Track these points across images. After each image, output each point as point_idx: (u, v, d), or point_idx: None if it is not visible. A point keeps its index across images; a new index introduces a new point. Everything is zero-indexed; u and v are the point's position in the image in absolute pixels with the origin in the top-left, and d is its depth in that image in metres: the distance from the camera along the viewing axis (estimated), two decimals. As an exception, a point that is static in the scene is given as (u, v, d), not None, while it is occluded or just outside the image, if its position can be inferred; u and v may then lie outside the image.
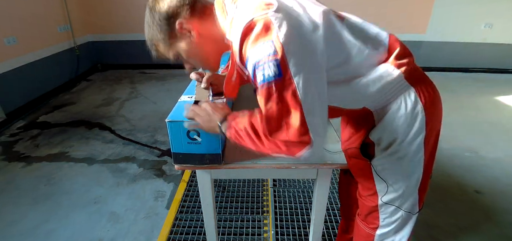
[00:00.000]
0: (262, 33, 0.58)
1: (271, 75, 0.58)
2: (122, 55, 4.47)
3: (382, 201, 0.82)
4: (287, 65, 0.57)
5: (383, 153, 0.77)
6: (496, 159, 2.18)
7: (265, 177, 1.92)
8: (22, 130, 2.66)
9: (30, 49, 3.13)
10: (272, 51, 0.57)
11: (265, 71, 0.58)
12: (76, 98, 3.42)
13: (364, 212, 0.91)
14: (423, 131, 0.72)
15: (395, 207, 0.81)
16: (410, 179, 0.78)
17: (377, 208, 0.85)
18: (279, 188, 1.86)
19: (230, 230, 1.55)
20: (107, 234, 1.55)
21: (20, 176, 2.02)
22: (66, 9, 3.70)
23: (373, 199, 0.85)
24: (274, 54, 0.57)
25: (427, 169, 0.77)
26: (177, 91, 3.51)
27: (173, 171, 2.06)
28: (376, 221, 0.87)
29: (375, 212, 0.86)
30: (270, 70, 0.57)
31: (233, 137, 0.70)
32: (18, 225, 1.61)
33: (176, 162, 0.81)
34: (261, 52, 0.58)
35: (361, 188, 0.89)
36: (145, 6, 0.78)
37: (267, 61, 0.57)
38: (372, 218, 0.88)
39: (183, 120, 0.75)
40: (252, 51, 0.60)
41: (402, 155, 0.75)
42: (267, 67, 0.58)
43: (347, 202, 1.18)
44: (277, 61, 0.57)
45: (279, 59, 0.57)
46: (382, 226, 0.87)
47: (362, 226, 0.93)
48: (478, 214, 1.68)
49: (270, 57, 0.57)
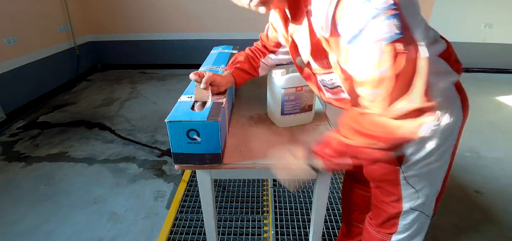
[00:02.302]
0: None
1: (392, 34, 0.49)
2: (122, 55, 4.47)
3: (408, 208, 0.79)
4: (406, 21, 0.50)
5: (418, 161, 0.72)
6: (496, 159, 2.17)
7: (265, 177, 1.92)
8: (22, 130, 2.66)
9: (30, 49, 3.13)
10: (388, 3, 0.48)
11: (382, 30, 0.49)
12: (76, 98, 3.42)
13: (381, 219, 0.87)
14: (455, 140, 0.72)
15: (419, 212, 0.79)
16: (435, 185, 0.76)
17: (399, 215, 0.81)
18: (279, 188, 1.86)
19: (230, 230, 1.55)
20: (107, 234, 1.55)
21: (20, 176, 2.02)
22: (66, 9, 3.70)
23: (396, 206, 0.80)
24: (393, 8, 0.48)
25: (447, 174, 0.77)
26: (177, 91, 3.51)
27: (173, 171, 2.06)
28: (394, 227, 0.84)
29: (396, 218, 0.82)
30: (389, 28, 0.49)
31: (331, 164, 0.65)
32: (18, 225, 1.61)
33: (176, 162, 0.81)
34: (373, 6, 0.49)
35: (381, 194, 0.84)
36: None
37: (384, 17, 0.49)
38: (391, 224, 0.85)
39: (183, 120, 0.75)
40: (357, 5, 0.50)
41: (437, 164, 0.72)
42: (386, 25, 0.49)
43: (349, 207, 1.17)
44: (397, 16, 0.49)
45: (399, 14, 0.49)
46: (399, 232, 0.84)
47: (374, 233, 0.90)
48: (478, 214, 1.68)
49: (388, 11, 0.48)
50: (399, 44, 0.49)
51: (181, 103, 0.85)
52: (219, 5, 4.07)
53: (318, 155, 0.68)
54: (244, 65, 1.03)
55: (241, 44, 1.90)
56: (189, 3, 4.09)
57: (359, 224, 1.16)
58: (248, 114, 1.12)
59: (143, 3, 4.10)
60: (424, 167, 0.72)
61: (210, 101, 0.85)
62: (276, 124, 1.04)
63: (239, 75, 1.02)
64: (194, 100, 0.87)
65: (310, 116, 1.05)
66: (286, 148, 0.75)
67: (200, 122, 0.74)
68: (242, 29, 4.15)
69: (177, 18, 4.20)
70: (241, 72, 1.03)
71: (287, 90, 0.95)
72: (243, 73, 1.03)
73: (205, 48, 1.96)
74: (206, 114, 0.76)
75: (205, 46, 2.48)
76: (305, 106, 1.00)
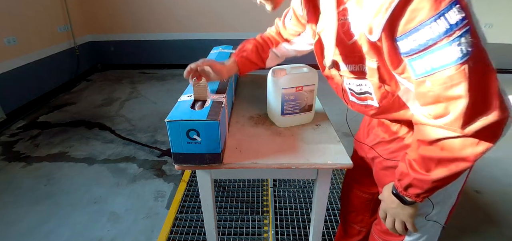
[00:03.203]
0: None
1: (465, 51, 0.45)
2: (122, 55, 4.47)
3: (421, 218, 0.76)
4: (476, 31, 0.46)
5: None
6: (496, 159, 2.17)
7: (265, 177, 1.92)
8: (22, 130, 2.66)
9: (30, 49, 3.13)
10: (460, 17, 0.45)
11: (455, 48, 0.45)
12: (76, 98, 3.42)
13: None
14: None
15: (432, 222, 0.77)
16: (451, 197, 0.75)
17: None
18: (279, 188, 1.86)
19: (230, 230, 1.55)
20: (107, 234, 1.55)
21: (20, 176, 2.02)
22: (66, 9, 3.70)
23: None
24: (465, 23, 0.45)
25: (463, 185, 0.75)
26: (177, 91, 3.51)
27: (173, 171, 2.06)
28: (402, 236, 0.81)
29: None
30: (462, 45, 0.45)
31: (421, 195, 0.62)
32: (18, 225, 1.61)
33: (176, 162, 0.81)
34: (445, 21, 0.45)
35: None
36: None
37: (457, 34, 0.45)
38: None
39: (183, 119, 0.75)
40: (425, 16, 0.46)
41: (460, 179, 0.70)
42: (458, 42, 0.45)
43: (347, 208, 1.17)
44: (469, 30, 0.45)
45: (470, 28, 0.45)
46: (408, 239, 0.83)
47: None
48: (478, 214, 1.68)
49: (461, 27, 0.45)
50: (472, 60, 0.46)
51: (181, 103, 0.84)
52: (219, 5, 4.07)
53: (412, 199, 0.64)
54: (251, 54, 0.99)
55: (241, 44, 1.91)
56: (189, 3, 4.09)
57: (356, 224, 1.16)
58: (248, 114, 1.12)
59: (143, 3, 4.11)
60: None
61: (210, 100, 0.85)
62: (276, 124, 1.04)
63: (244, 64, 0.98)
64: (194, 99, 0.87)
65: (310, 116, 1.05)
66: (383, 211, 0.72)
67: (200, 122, 0.74)
68: (242, 29, 4.15)
69: (177, 18, 4.20)
70: (246, 61, 0.99)
71: (287, 90, 0.95)
72: (249, 63, 0.99)
73: (205, 48, 1.96)
74: (206, 114, 0.76)
75: (205, 46, 2.48)
76: (305, 106, 1.00)
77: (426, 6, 0.46)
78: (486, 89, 0.48)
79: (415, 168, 0.60)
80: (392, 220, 0.72)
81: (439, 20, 0.45)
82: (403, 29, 0.50)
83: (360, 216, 1.13)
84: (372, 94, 0.70)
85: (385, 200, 0.72)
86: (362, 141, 0.94)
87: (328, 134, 0.98)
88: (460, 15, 0.45)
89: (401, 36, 0.51)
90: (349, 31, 0.62)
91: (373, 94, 0.69)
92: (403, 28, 0.50)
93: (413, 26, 0.48)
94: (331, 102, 1.79)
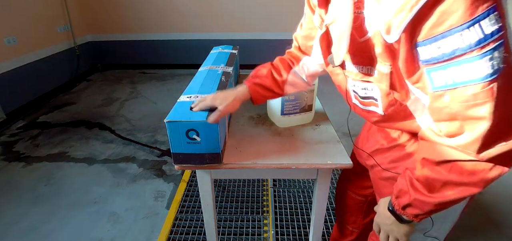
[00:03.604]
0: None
1: (496, 67, 0.40)
2: (122, 55, 4.47)
3: (420, 234, 0.75)
4: (510, 46, 0.41)
5: None
6: (496, 159, 2.17)
7: (265, 177, 1.92)
8: (22, 130, 2.66)
9: (30, 49, 3.13)
10: (497, 27, 0.39)
11: (485, 64, 0.40)
12: (76, 98, 3.42)
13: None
14: None
15: (432, 238, 0.76)
16: (453, 215, 0.73)
17: None
18: (279, 188, 1.86)
19: (230, 230, 1.55)
20: (107, 234, 1.55)
21: (20, 176, 2.02)
22: (66, 9, 3.70)
23: None
24: (499, 35, 0.39)
25: (467, 205, 0.73)
26: (177, 91, 3.51)
27: (173, 171, 2.06)
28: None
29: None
30: (493, 61, 0.40)
31: (420, 217, 0.58)
32: (18, 225, 1.61)
33: (176, 162, 0.81)
34: (478, 31, 0.39)
35: None
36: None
37: (489, 47, 0.39)
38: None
39: (182, 120, 0.75)
40: (456, 22, 0.40)
41: None
42: (489, 58, 0.40)
43: (341, 209, 1.16)
44: (502, 44, 0.40)
45: (504, 41, 0.40)
46: None
47: None
48: (478, 214, 1.68)
49: (495, 39, 0.39)
50: (502, 79, 0.40)
51: (181, 103, 0.84)
52: (219, 5, 4.07)
53: (409, 218, 0.61)
54: (265, 80, 0.83)
55: (241, 44, 1.90)
56: (189, 3, 4.09)
57: (349, 225, 1.16)
58: (248, 114, 1.12)
59: (143, 3, 4.10)
60: None
61: None
62: (276, 124, 1.04)
63: (257, 92, 0.83)
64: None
65: (310, 116, 1.05)
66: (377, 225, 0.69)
67: (200, 122, 0.74)
68: (242, 29, 4.15)
69: (177, 18, 4.20)
70: (259, 89, 0.83)
71: (287, 90, 0.95)
72: (262, 90, 0.83)
73: (205, 48, 1.96)
74: (206, 114, 0.76)
75: (205, 46, 2.48)
76: (305, 106, 1.00)
77: (460, 9, 0.39)
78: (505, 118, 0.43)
79: (417, 187, 0.56)
80: (386, 236, 0.68)
81: (473, 27, 0.39)
82: (428, 33, 0.43)
83: (353, 217, 1.13)
84: (377, 101, 0.64)
85: (380, 215, 0.68)
86: (361, 147, 0.90)
87: (328, 134, 0.98)
88: (497, 25, 0.39)
89: (425, 41, 0.44)
90: (362, 26, 0.54)
91: (379, 101, 0.63)
92: (428, 32, 0.43)
93: (441, 31, 0.42)
94: (331, 102, 1.79)
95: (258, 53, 4.31)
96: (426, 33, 0.44)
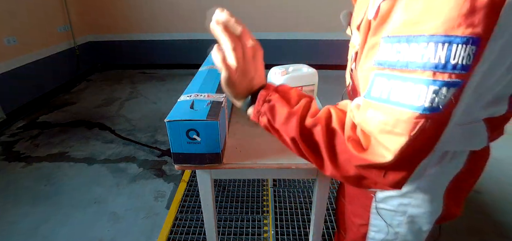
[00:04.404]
0: None
1: (435, 104, 0.33)
2: (122, 55, 4.47)
3: (377, 238, 0.71)
4: (460, 101, 0.34)
5: (392, 197, 0.63)
6: (496, 159, 2.17)
7: (265, 177, 1.92)
8: (22, 130, 2.66)
9: (30, 49, 3.13)
10: (465, 63, 0.31)
11: (431, 95, 0.33)
12: (76, 98, 3.42)
13: (349, 239, 0.82)
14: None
15: None
16: (417, 228, 0.65)
17: (364, 239, 0.74)
18: (279, 188, 1.86)
19: (230, 230, 1.55)
20: (107, 234, 1.55)
21: (20, 176, 2.02)
22: (66, 9, 3.70)
23: (362, 230, 0.74)
24: (462, 73, 0.32)
25: (438, 223, 0.66)
26: (177, 91, 3.51)
27: (173, 171, 2.06)
28: None
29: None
30: (440, 97, 0.33)
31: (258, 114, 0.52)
32: (18, 225, 1.61)
33: (176, 162, 0.81)
34: (448, 54, 0.31)
35: (351, 212, 0.78)
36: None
37: (446, 79, 0.32)
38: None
39: (183, 119, 0.75)
40: (432, 32, 0.32)
41: (419, 209, 0.62)
42: (437, 90, 0.33)
43: (339, 220, 1.15)
44: (460, 88, 0.33)
45: (462, 87, 0.33)
46: None
47: None
48: (478, 214, 1.68)
49: (456, 74, 0.32)
50: (432, 121, 0.34)
51: (181, 103, 0.84)
52: (219, 5, 4.07)
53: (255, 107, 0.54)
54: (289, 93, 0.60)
55: (241, 44, 1.91)
56: (189, 2, 4.09)
57: None
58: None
59: (143, 3, 4.11)
60: (400, 207, 0.64)
61: None
62: (276, 124, 1.03)
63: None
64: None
65: (310, 116, 1.05)
66: None
67: (200, 122, 0.74)
68: (242, 29, 4.15)
69: (177, 18, 4.20)
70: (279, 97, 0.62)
71: (287, 90, 0.95)
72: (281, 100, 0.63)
73: (205, 48, 1.97)
74: (206, 114, 0.76)
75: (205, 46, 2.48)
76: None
77: (440, 15, 0.31)
78: (414, 158, 0.39)
79: (299, 111, 0.49)
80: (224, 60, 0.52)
81: (442, 45, 0.31)
82: (396, 30, 0.36)
83: None
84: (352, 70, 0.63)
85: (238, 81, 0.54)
86: None
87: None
88: (466, 61, 0.31)
89: (389, 37, 0.37)
90: None
91: (348, 69, 0.65)
92: (400, 27, 0.36)
93: (412, 32, 0.34)
94: (331, 102, 1.79)
95: (258, 53, 4.32)
96: (396, 29, 0.36)
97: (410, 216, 0.64)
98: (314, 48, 4.30)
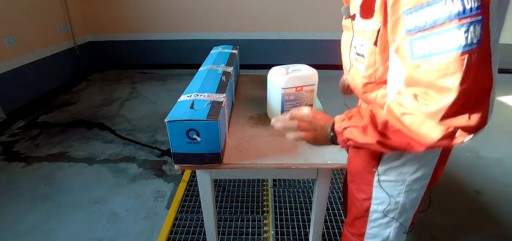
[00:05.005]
0: None
1: (469, 40, 0.42)
2: (122, 55, 4.47)
3: (379, 210, 0.77)
4: (490, 30, 0.43)
5: (394, 167, 0.71)
6: (496, 159, 2.17)
7: (265, 177, 1.92)
8: (22, 130, 2.66)
9: (30, 49, 3.13)
10: (477, 4, 0.41)
11: (461, 35, 0.42)
12: (76, 98, 3.42)
13: (352, 217, 0.86)
14: (438, 155, 0.69)
15: (390, 218, 0.77)
16: (413, 195, 0.73)
17: (367, 213, 0.80)
18: (279, 188, 1.86)
19: (230, 230, 1.55)
20: (107, 234, 1.55)
21: (20, 176, 2.02)
22: (66, 9, 3.70)
23: (365, 204, 0.80)
24: (478, 12, 0.41)
25: (428, 189, 0.74)
26: (177, 91, 3.51)
27: (173, 171, 2.06)
28: (363, 227, 0.82)
29: (364, 217, 0.81)
30: (471, 34, 0.42)
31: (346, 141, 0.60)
32: (18, 225, 1.61)
33: (176, 162, 0.81)
34: (462, 3, 0.42)
35: (355, 189, 0.83)
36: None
37: (467, 20, 0.42)
38: (360, 224, 0.83)
39: (183, 119, 0.75)
40: None
41: (414, 175, 0.70)
42: (466, 30, 0.42)
43: (346, 204, 1.17)
44: (482, 22, 0.42)
45: (484, 21, 0.42)
46: (368, 237, 0.82)
47: (348, 235, 0.89)
48: (478, 214, 1.68)
49: (473, 15, 0.42)
50: (475, 54, 0.42)
51: (181, 103, 0.84)
52: (219, 5, 4.07)
53: (339, 136, 0.62)
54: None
55: (242, 44, 1.91)
56: (189, 3, 4.09)
57: None
58: (248, 114, 1.12)
59: (143, 3, 4.10)
60: (400, 176, 0.71)
61: None
62: (276, 124, 1.03)
63: None
64: None
65: (310, 116, 1.05)
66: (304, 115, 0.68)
67: (200, 122, 0.74)
68: (242, 29, 4.15)
69: (177, 18, 4.20)
70: None
71: (287, 90, 0.95)
72: None
73: (205, 48, 1.97)
74: (206, 114, 0.76)
75: (205, 46, 2.48)
76: (305, 105, 1.00)
77: None
78: (479, 92, 0.45)
79: (372, 118, 0.57)
80: (302, 125, 0.67)
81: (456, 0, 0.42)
82: (416, 2, 0.46)
83: None
84: (364, 58, 0.66)
85: (317, 116, 0.67)
86: None
87: (328, 134, 0.97)
88: (476, 3, 0.41)
89: (411, 9, 0.46)
90: None
91: (365, 58, 0.66)
92: (416, 0, 0.45)
93: (427, 0, 0.44)
94: (331, 102, 1.79)
95: (258, 53, 4.32)
96: (414, 2, 0.46)
97: (409, 184, 0.71)
98: (314, 48, 4.30)
